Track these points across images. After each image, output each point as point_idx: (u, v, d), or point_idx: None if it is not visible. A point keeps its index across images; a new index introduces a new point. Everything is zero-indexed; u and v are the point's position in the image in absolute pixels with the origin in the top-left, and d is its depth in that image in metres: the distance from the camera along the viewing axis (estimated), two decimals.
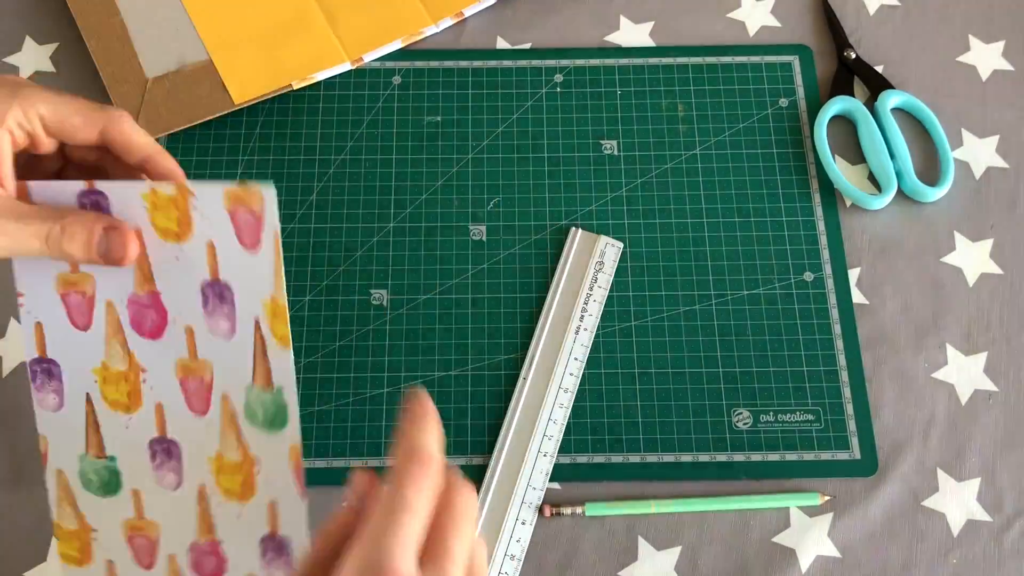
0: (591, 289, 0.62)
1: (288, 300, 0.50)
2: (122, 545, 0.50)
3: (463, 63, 0.71)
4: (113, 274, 0.44)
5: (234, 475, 0.48)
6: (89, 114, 0.42)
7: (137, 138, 0.43)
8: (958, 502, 0.58)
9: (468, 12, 0.72)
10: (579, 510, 0.57)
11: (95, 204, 0.44)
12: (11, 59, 0.71)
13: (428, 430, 0.36)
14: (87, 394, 0.48)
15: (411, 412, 0.37)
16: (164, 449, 0.49)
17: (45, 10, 0.73)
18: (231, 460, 0.48)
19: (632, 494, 0.58)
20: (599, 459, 0.59)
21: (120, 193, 0.43)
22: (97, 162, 0.45)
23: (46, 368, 0.48)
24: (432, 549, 0.34)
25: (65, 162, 0.46)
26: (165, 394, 0.47)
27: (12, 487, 0.58)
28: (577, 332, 0.61)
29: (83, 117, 0.42)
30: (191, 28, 0.71)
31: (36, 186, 0.43)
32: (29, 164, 0.44)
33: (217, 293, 0.45)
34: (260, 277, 0.44)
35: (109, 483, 0.49)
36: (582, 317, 0.61)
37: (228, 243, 0.44)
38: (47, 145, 0.43)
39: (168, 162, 0.44)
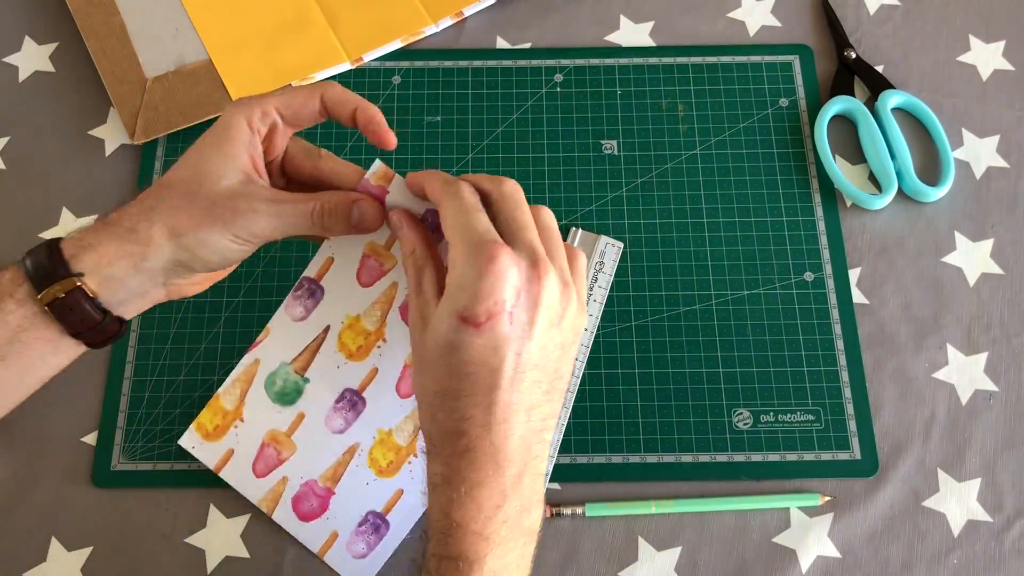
0: (591, 290, 0.62)
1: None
2: (254, 445, 0.56)
3: (463, 63, 0.71)
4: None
5: (389, 453, 0.55)
6: (308, 89, 0.49)
7: (348, 95, 0.49)
8: (958, 502, 0.58)
9: (468, 12, 0.72)
10: (579, 510, 0.57)
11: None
12: (11, 59, 0.71)
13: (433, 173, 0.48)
14: (328, 326, 0.55)
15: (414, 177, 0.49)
16: (352, 401, 0.55)
17: (45, 10, 0.73)
18: (396, 442, 0.55)
19: (632, 494, 0.58)
20: (599, 459, 0.59)
21: None
22: (311, 176, 0.52)
23: (312, 290, 0.55)
24: (506, 226, 0.45)
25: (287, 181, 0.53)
26: (386, 366, 0.54)
27: (12, 487, 0.58)
28: None
29: (304, 94, 0.49)
30: (191, 28, 0.71)
31: (395, 186, 0.51)
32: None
33: None
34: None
35: (288, 395, 0.55)
36: None
37: None
38: (283, 127, 0.50)
39: (372, 111, 0.50)
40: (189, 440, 0.57)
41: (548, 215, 0.47)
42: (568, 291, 0.45)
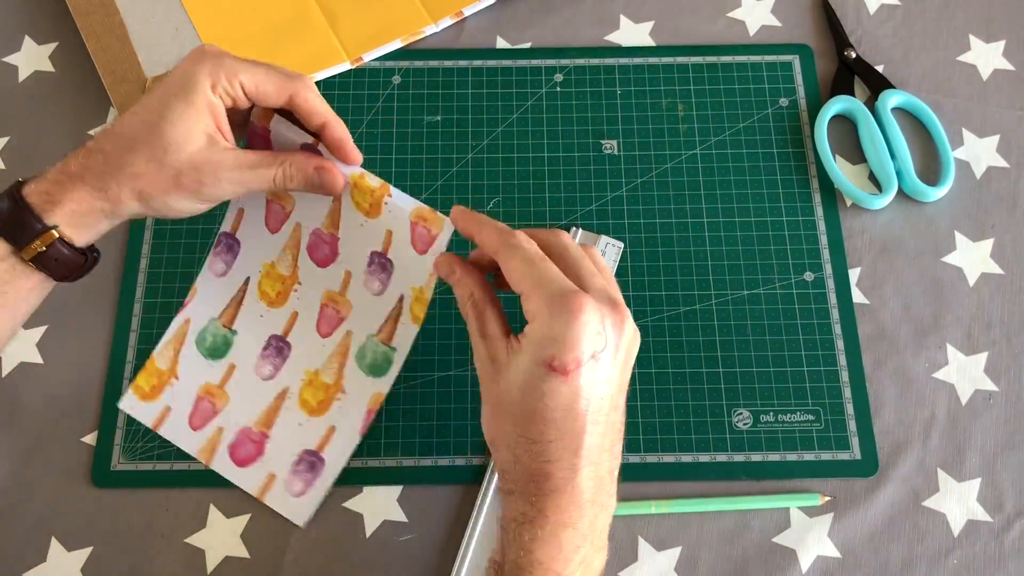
0: None
1: None
2: (189, 401, 0.58)
3: (463, 63, 0.71)
4: (310, 206, 0.53)
5: (318, 392, 0.57)
6: (280, 82, 0.49)
7: (319, 105, 0.50)
8: (958, 502, 0.58)
9: (468, 12, 0.72)
10: None
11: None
12: (10, 59, 0.71)
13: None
14: (247, 278, 0.58)
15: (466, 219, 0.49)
16: (277, 346, 0.58)
17: (44, 10, 0.73)
18: (323, 380, 0.57)
19: (632, 494, 0.58)
20: None
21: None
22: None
23: (230, 244, 0.58)
24: (575, 274, 0.46)
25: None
26: (305, 308, 0.57)
27: (12, 487, 0.58)
28: None
29: (275, 85, 0.49)
30: (191, 28, 0.71)
31: (276, 124, 0.52)
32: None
33: (381, 263, 0.55)
34: (418, 272, 0.54)
35: (217, 349, 0.58)
36: None
37: (403, 239, 0.54)
38: (244, 105, 0.50)
39: (340, 131, 0.51)
40: (128, 403, 0.59)
41: (599, 255, 0.49)
42: (637, 333, 0.47)
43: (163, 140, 0.47)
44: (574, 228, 0.64)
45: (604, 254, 0.63)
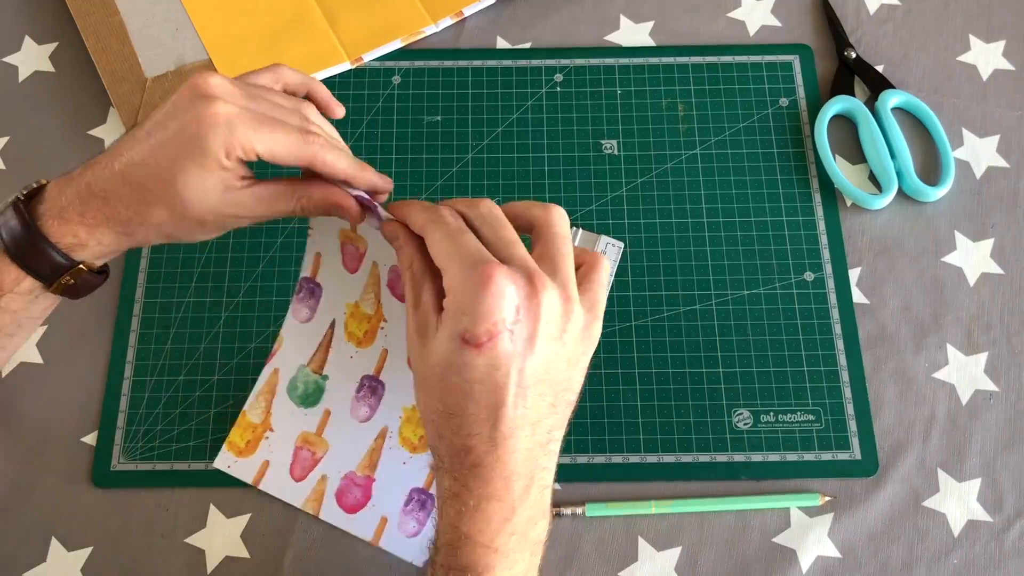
0: None
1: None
2: (288, 452, 0.57)
3: (463, 63, 0.71)
4: (383, 244, 0.51)
5: (419, 429, 0.55)
6: (297, 151, 0.47)
7: (338, 167, 0.48)
8: (959, 502, 0.58)
9: (468, 12, 0.72)
10: (579, 510, 0.57)
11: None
12: (10, 59, 0.71)
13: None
14: (333, 320, 0.56)
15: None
16: (371, 386, 0.56)
17: (44, 10, 0.73)
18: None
19: (632, 494, 0.58)
20: (599, 459, 0.59)
21: None
22: None
23: (311, 288, 0.56)
24: (494, 245, 0.45)
25: None
26: (394, 345, 0.55)
27: (12, 487, 0.58)
28: None
29: (292, 155, 0.47)
30: (191, 28, 0.71)
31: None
32: None
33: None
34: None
35: (310, 396, 0.57)
36: None
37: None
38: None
39: (369, 178, 0.50)
40: (223, 461, 0.57)
41: (559, 219, 0.47)
42: (570, 304, 0.45)
43: (181, 199, 0.46)
44: (574, 228, 0.64)
45: (604, 254, 0.63)
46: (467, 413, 0.43)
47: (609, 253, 0.63)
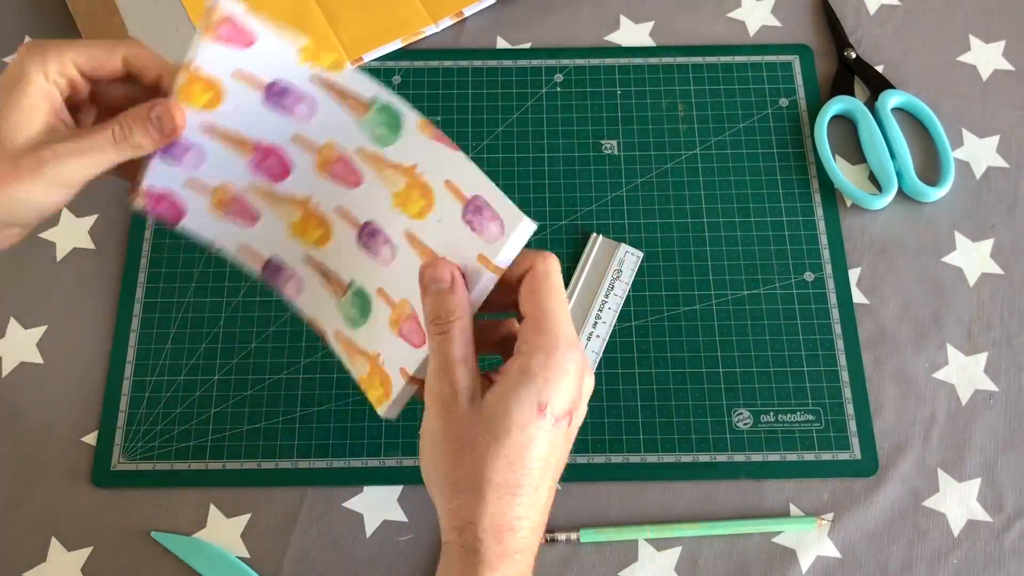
0: (607, 296, 0.62)
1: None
2: (395, 338, 0.49)
3: (463, 63, 0.71)
4: (224, 167, 0.49)
5: (417, 199, 0.49)
6: (109, 47, 0.48)
7: (152, 59, 0.48)
8: (958, 502, 0.58)
9: (468, 12, 0.72)
10: (573, 536, 0.56)
11: None
12: (10, 59, 0.71)
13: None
14: (305, 254, 0.53)
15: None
16: (368, 232, 0.51)
17: (45, 10, 0.73)
18: (405, 192, 0.49)
19: (632, 494, 0.58)
20: (599, 459, 0.59)
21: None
22: (125, 100, 0.50)
23: (271, 268, 0.54)
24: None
25: (99, 110, 0.51)
26: (329, 197, 0.51)
27: (12, 487, 0.58)
28: (589, 338, 0.61)
29: (105, 51, 0.48)
30: (191, 28, 0.71)
31: None
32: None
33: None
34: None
35: (364, 305, 0.51)
36: (595, 324, 0.61)
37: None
38: (84, 89, 0.49)
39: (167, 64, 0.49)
40: (390, 411, 0.51)
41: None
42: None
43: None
44: (594, 235, 0.64)
45: (623, 262, 0.63)
46: (522, 491, 0.41)
47: (628, 262, 0.63)
